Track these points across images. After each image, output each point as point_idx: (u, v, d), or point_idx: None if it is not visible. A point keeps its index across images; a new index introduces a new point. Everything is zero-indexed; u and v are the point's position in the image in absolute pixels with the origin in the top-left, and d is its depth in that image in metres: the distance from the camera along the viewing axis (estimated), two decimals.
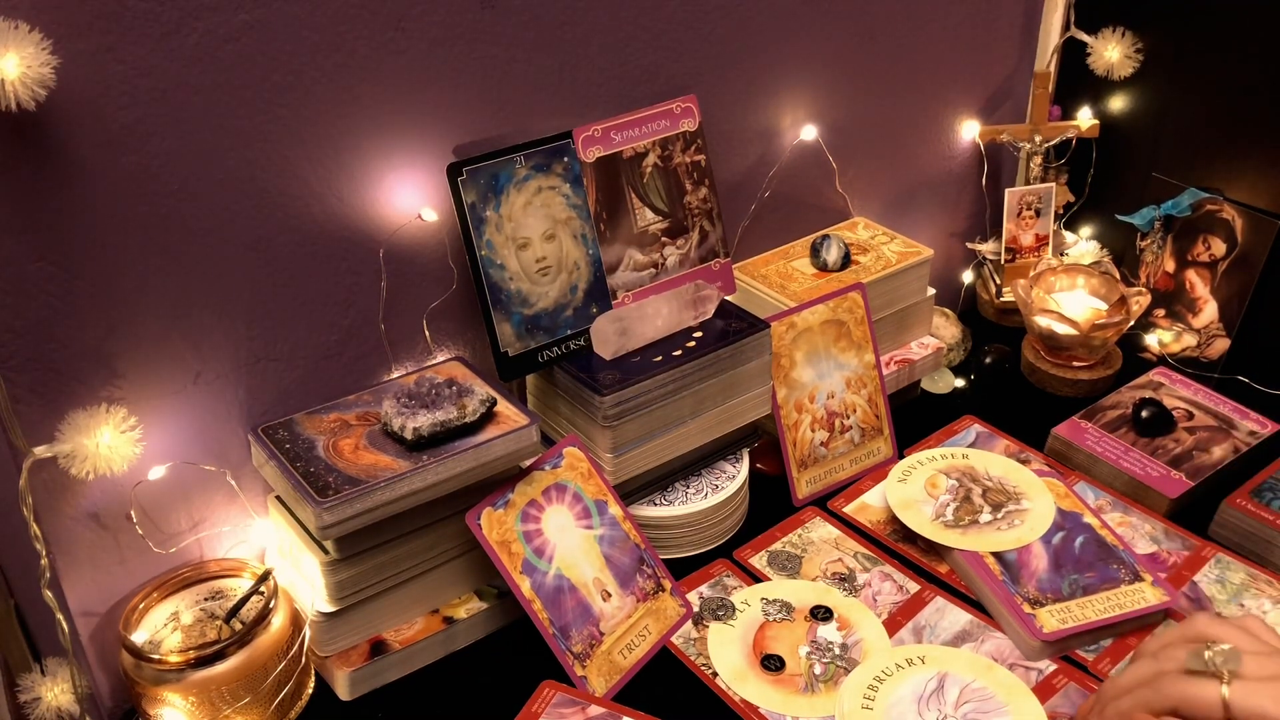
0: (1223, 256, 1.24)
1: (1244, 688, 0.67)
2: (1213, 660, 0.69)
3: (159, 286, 0.80)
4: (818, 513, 1.05)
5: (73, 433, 0.75)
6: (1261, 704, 0.66)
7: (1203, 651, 0.69)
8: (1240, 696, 0.67)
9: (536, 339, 0.95)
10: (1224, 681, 0.68)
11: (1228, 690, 0.67)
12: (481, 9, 0.89)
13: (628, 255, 1.00)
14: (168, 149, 0.77)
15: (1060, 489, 1.02)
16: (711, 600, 0.94)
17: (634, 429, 0.94)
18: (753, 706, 0.84)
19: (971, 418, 1.17)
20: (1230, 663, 0.68)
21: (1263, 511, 0.98)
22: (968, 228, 1.40)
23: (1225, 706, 0.67)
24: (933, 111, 1.29)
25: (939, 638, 0.90)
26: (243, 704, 0.80)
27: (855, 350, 1.09)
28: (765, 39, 1.09)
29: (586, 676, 0.85)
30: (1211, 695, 0.68)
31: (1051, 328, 1.20)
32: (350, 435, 0.86)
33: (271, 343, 0.88)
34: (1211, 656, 0.69)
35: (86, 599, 0.84)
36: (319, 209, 0.87)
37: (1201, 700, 0.69)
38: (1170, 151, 1.30)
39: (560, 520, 0.89)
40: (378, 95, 0.86)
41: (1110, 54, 1.24)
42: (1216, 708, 0.68)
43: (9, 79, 0.65)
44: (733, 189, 1.14)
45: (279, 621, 0.83)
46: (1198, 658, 0.70)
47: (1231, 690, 0.67)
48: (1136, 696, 0.73)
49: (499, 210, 0.92)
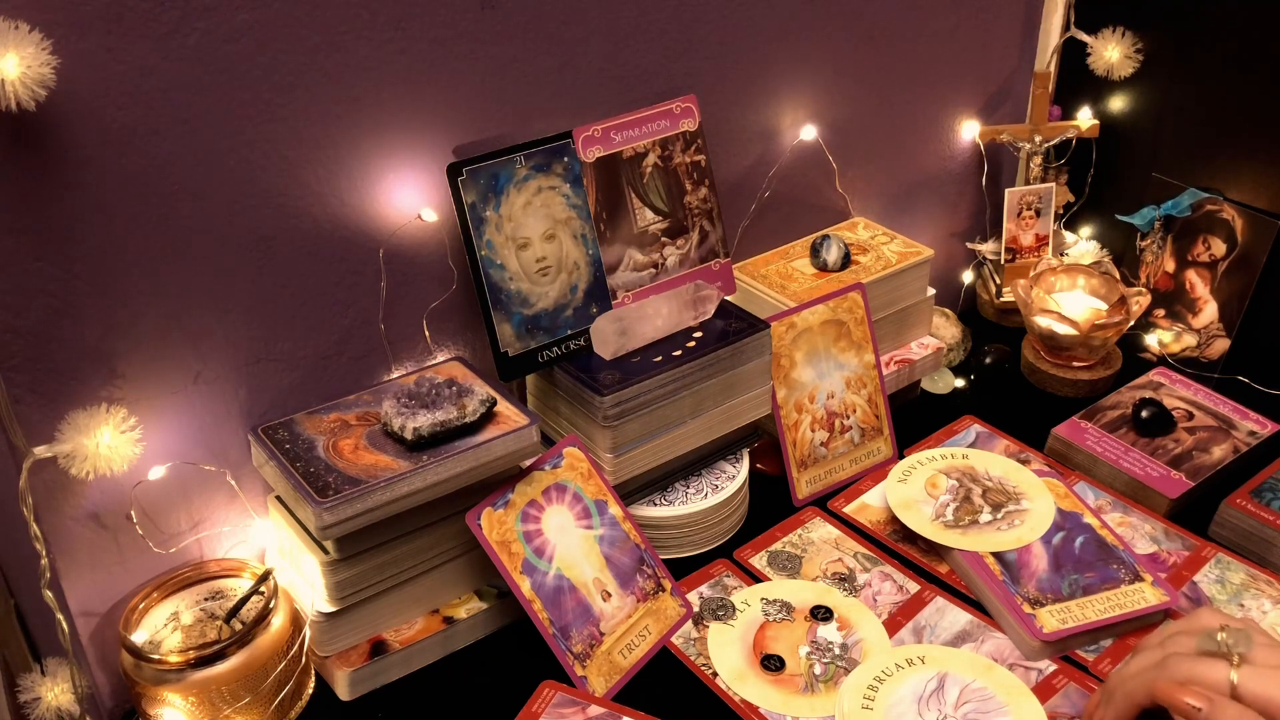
0: (1223, 257, 1.24)
1: (1253, 672, 0.67)
2: (1225, 641, 0.69)
3: (159, 286, 0.80)
4: (818, 513, 1.05)
5: (73, 433, 0.75)
6: (1269, 689, 0.66)
7: (1215, 633, 0.70)
8: (1249, 680, 0.67)
9: (536, 339, 0.95)
10: (1234, 664, 0.68)
11: (1236, 674, 0.67)
12: (481, 9, 0.89)
13: (628, 255, 1.00)
14: (168, 149, 0.77)
15: (1060, 489, 1.02)
16: (711, 600, 0.94)
17: (634, 429, 0.94)
18: (753, 706, 0.84)
19: (971, 418, 1.17)
20: (1242, 645, 0.68)
21: (1263, 511, 0.98)
22: (968, 228, 1.40)
23: (1233, 688, 0.67)
24: (933, 111, 1.29)
25: (939, 638, 0.90)
26: (243, 704, 0.80)
27: (855, 350, 1.09)
28: (765, 39, 1.09)
29: (586, 676, 0.85)
30: (1220, 676, 0.68)
31: (1051, 328, 1.20)
32: (350, 435, 0.86)
33: (271, 343, 0.88)
34: (1224, 638, 0.69)
35: (86, 599, 0.84)
36: (319, 209, 0.87)
37: (1210, 680, 0.69)
38: (1170, 151, 1.30)
39: (560, 520, 0.89)
40: (378, 95, 0.86)
41: (1110, 54, 1.24)
42: (1224, 688, 0.68)
43: (9, 79, 0.65)
44: (733, 189, 1.14)
45: (279, 621, 0.83)
46: (1210, 639, 0.70)
47: (1241, 673, 0.67)
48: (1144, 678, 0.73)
49: (499, 210, 0.92)
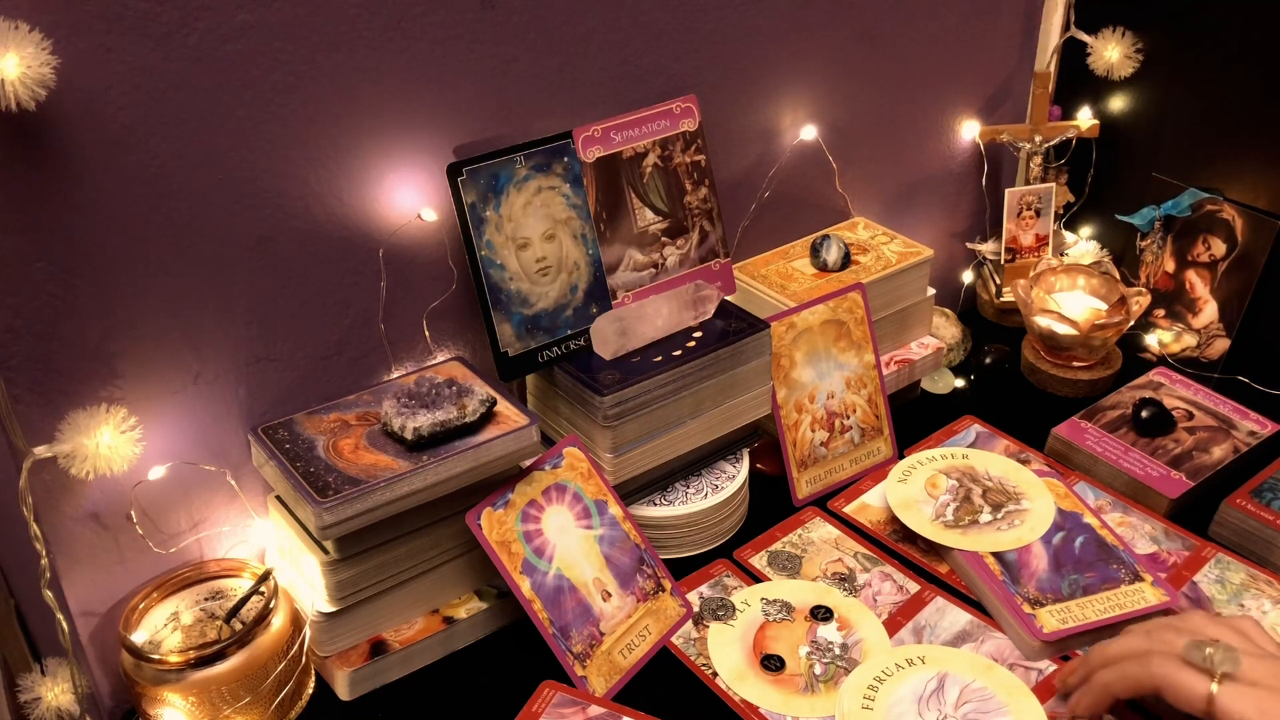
0: (1223, 257, 1.24)
1: (1232, 689, 0.68)
2: (1211, 658, 0.69)
3: (159, 286, 0.80)
4: (818, 513, 1.05)
5: (73, 433, 0.75)
6: (1244, 709, 0.67)
7: (1204, 647, 0.70)
8: (1226, 698, 0.67)
9: (536, 339, 0.95)
10: (1215, 680, 0.68)
11: (1216, 688, 0.68)
12: (481, 9, 0.89)
13: (628, 255, 1.00)
14: (168, 149, 0.77)
15: (1060, 489, 1.02)
16: (711, 600, 0.94)
17: (634, 429, 0.94)
18: (753, 706, 0.84)
19: (971, 418, 1.17)
20: (1227, 664, 0.68)
21: (1263, 511, 0.98)
22: (968, 228, 1.40)
23: (1209, 702, 0.68)
24: (933, 111, 1.29)
25: (939, 638, 0.90)
26: (243, 704, 0.80)
27: (855, 350, 1.09)
28: (765, 39, 1.09)
29: (586, 676, 0.85)
30: (1199, 689, 0.68)
31: (1051, 328, 1.19)
32: (350, 435, 0.86)
33: (271, 343, 0.88)
34: (1211, 654, 0.69)
35: (86, 599, 0.84)
36: (319, 209, 0.87)
37: (1188, 690, 0.69)
38: (1170, 151, 1.30)
39: (560, 520, 0.89)
40: (378, 95, 0.86)
41: (1110, 54, 1.24)
42: (1200, 701, 0.68)
43: (9, 79, 0.65)
44: (733, 189, 1.14)
45: (279, 621, 0.83)
46: (1198, 650, 0.70)
47: (1220, 689, 0.68)
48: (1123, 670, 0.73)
49: (499, 210, 0.92)
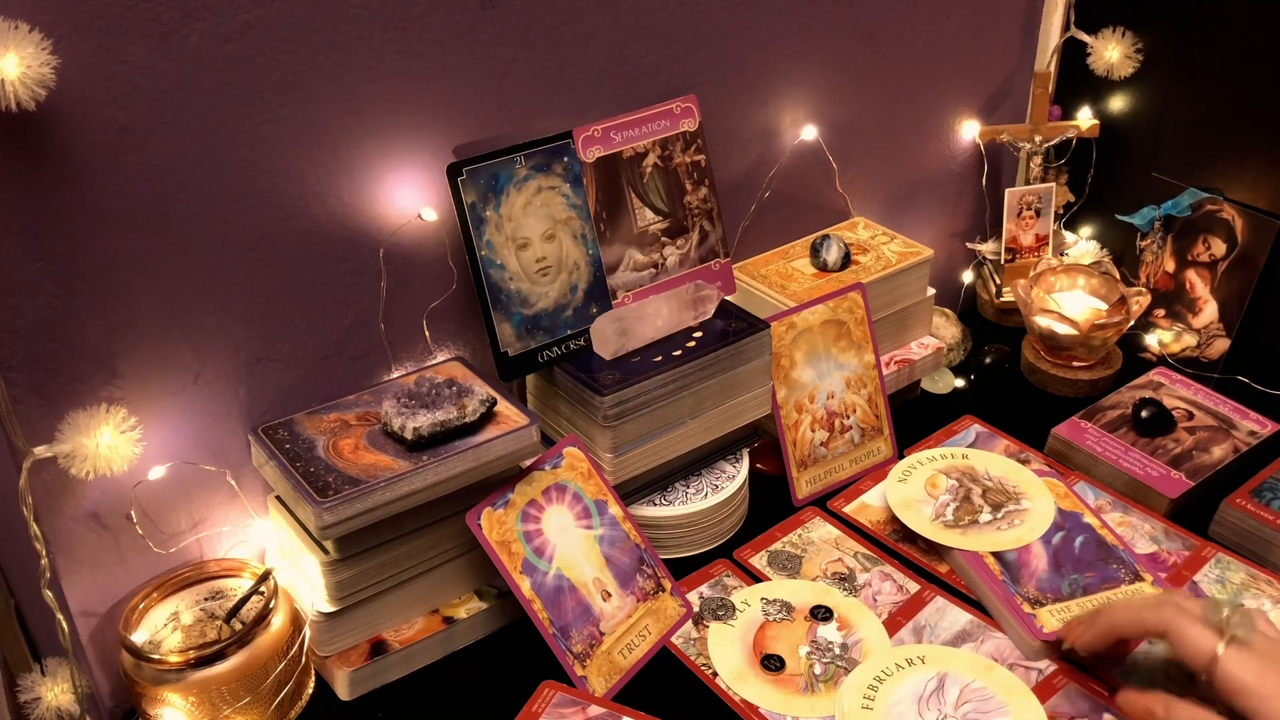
0: (1223, 256, 1.24)
1: (1238, 654, 0.68)
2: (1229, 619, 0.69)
3: (159, 286, 0.80)
4: (818, 513, 1.05)
5: (73, 433, 0.75)
6: (1244, 675, 0.67)
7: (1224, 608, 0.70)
8: (1230, 660, 0.68)
9: (536, 339, 0.95)
10: (1225, 641, 0.68)
11: (1223, 649, 0.68)
12: (481, 9, 0.89)
13: (628, 255, 1.00)
14: (168, 149, 0.77)
15: (1060, 489, 1.02)
16: (711, 600, 0.94)
17: (634, 429, 0.94)
18: (753, 706, 0.84)
19: (971, 418, 1.17)
20: (1242, 629, 0.69)
21: (1263, 511, 0.98)
22: (968, 228, 1.40)
23: (1213, 660, 0.68)
24: (933, 111, 1.29)
25: (939, 638, 0.90)
26: (243, 704, 0.80)
27: (855, 350, 1.09)
28: (765, 39, 1.09)
29: (586, 676, 0.85)
30: (1206, 645, 0.69)
31: (1051, 328, 1.19)
32: (350, 435, 0.86)
33: (271, 343, 0.88)
34: (1229, 615, 0.69)
35: (86, 599, 0.84)
36: (319, 209, 0.87)
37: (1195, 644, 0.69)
38: (1170, 151, 1.30)
39: (560, 520, 0.89)
40: (378, 95, 0.86)
41: (1110, 54, 1.24)
42: (1204, 657, 0.68)
43: (9, 79, 0.65)
44: (733, 189, 1.14)
45: (279, 621, 0.83)
46: (1217, 611, 0.70)
47: (1227, 651, 0.68)
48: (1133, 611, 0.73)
49: (499, 210, 0.92)
